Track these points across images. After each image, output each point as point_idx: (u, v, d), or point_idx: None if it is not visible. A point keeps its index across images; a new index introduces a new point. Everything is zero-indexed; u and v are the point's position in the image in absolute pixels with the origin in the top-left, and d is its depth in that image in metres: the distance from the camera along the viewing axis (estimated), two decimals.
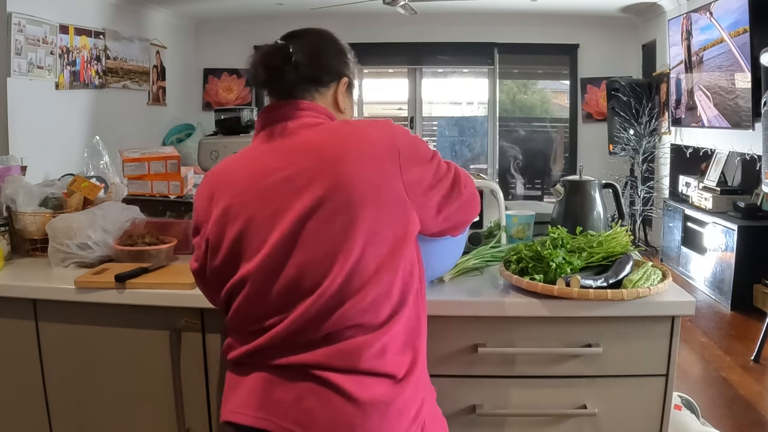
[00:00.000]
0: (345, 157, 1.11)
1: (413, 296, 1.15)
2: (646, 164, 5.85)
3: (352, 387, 1.07)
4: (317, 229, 1.09)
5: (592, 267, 1.50)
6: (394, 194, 1.12)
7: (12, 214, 1.81)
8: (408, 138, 1.19)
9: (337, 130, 1.17)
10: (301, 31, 1.29)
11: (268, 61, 1.21)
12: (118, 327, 1.55)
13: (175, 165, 2.04)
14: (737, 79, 4.28)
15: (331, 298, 1.08)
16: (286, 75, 1.21)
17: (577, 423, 1.48)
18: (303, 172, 1.11)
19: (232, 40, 6.93)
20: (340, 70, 1.28)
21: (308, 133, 1.17)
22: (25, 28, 4.11)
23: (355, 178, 1.10)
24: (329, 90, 1.27)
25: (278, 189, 1.12)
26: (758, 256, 4.20)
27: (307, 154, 1.13)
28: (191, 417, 1.57)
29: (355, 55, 1.34)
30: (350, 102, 1.34)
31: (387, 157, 1.13)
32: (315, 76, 1.24)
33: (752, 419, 2.81)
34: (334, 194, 1.09)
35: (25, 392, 1.60)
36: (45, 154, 4.22)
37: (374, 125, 1.18)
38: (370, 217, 1.09)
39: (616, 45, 6.63)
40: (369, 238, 1.09)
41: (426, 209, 1.19)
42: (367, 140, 1.14)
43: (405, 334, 1.13)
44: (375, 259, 1.10)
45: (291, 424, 1.07)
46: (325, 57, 1.27)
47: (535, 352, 1.46)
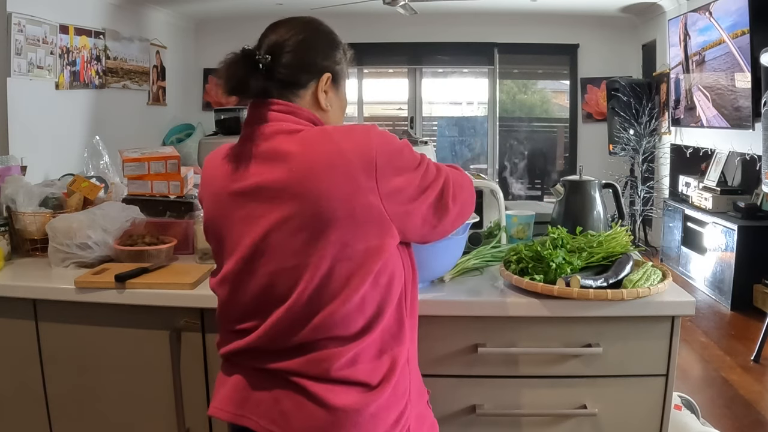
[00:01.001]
0: (316, 171, 1.08)
1: (393, 306, 1.14)
2: (646, 164, 5.85)
3: (324, 393, 1.08)
4: (285, 240, 1.09)
5: (592, 267, 1.50)
6: (368, 208, 1.09)
7: (12, 214, 1.81)
8: (386, 147, 1.12)
9: (311, 142, 1.11)
10: (276, 24, 1.23)
11: (233, 71, 1.15)
12: (118, 327, 1.55)
13: (175, 165, 2.04)
14: (737, 79, 4.28)
15: (301, 310, 1.09)
16: (253, 85, 1.16)
17: (577, 423, 1.48)
18: (273, 183, 1.10)
19: (232, 40, 6.83)
20: (320, 66, 1.20)
21: (283, 142, 1.12)
22: (25, 28, 4.11)
23: (324, 193, 1.07)
24: (308, 90, 1.20)
25: (250, 194, 1.12)
26: (758, 256, 4.20)
27: (279, 164, 1.11)
28: (191, 417, 1.57)
29: (342, 45, 1.26)
30: (337, 97, 1.26)
31: (360, 170, 1.08)
32: (289, 79, 1.18)
33: (752, 419, 2.81)
34: (302, 208, 1.08)
35: (25, 392, 1.60)
36: (45, 154, 4.22)
37: (350, 135, 1.11)
38: (340, 232, 1.08)
39: (616, 45, 6.63)
40: (339, 252, 1.08)
41: (408, 221, 1.14)
42: (340, 153, 1.09)
43: (381, 343, 1.12)
44: (345, 273, 1.09)
45: (269, 424, 1.11)
46: (302, 56, 1.18)
47: (535, 352, 1.46)
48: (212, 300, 1.49)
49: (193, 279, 1.54)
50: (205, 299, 1.49)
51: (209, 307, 1.51)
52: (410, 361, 1.18)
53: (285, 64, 1.17)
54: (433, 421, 1.25)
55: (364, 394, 1.10)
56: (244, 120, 1.24)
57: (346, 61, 1.28)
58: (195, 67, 7.01)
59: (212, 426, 1.57)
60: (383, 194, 1.10)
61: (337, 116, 1.27)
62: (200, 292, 1.51)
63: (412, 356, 1.19)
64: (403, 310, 1.16)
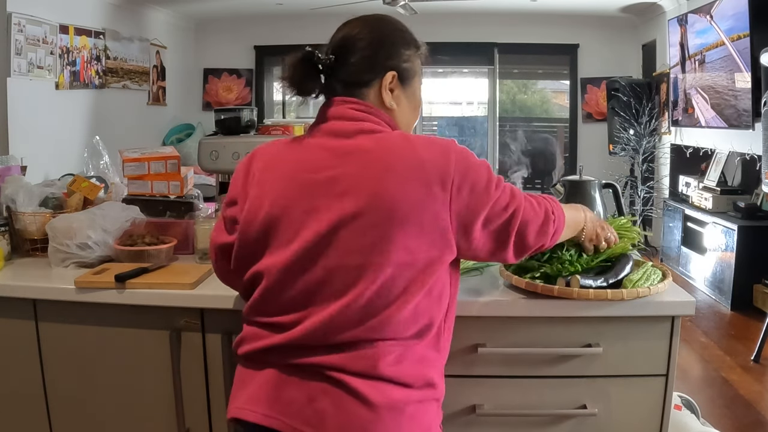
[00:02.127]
0: (391, 173, 1.08)
1: (440, 319, 1.15)
2: (646, 164, 5.85)
3: (367, 390, 1.06)
4: (351, 238, 1.07)
5: (592, 267, 1.50)
6: (436, 219, 1.09)
7: (12, 214, 1.81)
8: (465, 164, 1.12)
9: (391, 144, 1.12)
10: (349, 22, 1.23)
11: (292, 73, 1.16)
12: (118, 327, 1.55)
13: (175, 165, 2.04)
14: (737, 80, 4.28)
15: (358, 310, 1.07)
16: (311, 87, 1.17)
17: (577, 423, 1.48)
18: (348, 177, 1.09)
19: (232, 40, 6.93)
20: (385, 65, 1.19)
21: (363, 140, 1.12)
22: (25, 28, 4.11)
23: (396, 197, 1.07)
24: (371, 89, 1.19)
25: (320, 187, 1.10)
26: (758, 256, 4.20)
27: (356, 160, 1.10)
28: (191, 417, 1.57)
29: (414, 42, 1.24)
30: (405, 95, 1.24)
31: (437, 181, 1.09)
32: (352, 79, 1.18)
33: (752, 419, 2.81)
34: (372, 208, 1.07)
35: (25, 392, 1.60)
36: (45, 154, 4.22)
37: (431, 147, 1.12)
38: (407, 237, 1.07)
39: (616, 45, 6.63)
40: (403, 257, 1.07)
41: (468, 240, 1.14)
42: (418, 160, 1.09)
43: (425, 351, 1.12)
44: (405, 279, 1.08)
45: (301, 425, 1.06)
46: (366, 55, 1.18)
47: (535, 352, 1.46)
48: (212, 300, 1.50)
49: (193, 279, 1.54)
50: (205, 299, 1.49)
51: (209, 307, 1.51)
52: (443, 373, 1.19)
53: (349, 63, 1.18)
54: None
55: (407, 392, 1.09)
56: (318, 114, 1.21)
57: (419, 58, 1.25)
58: (195, 67, 7.01)
59: (212, 426, 1.57)
60: (453, 210, 1.10)
61: (406, 115, 1.26)
62: (200, 292, 1.51)
63: (444, 368, 1.19)
64: (443, 324, 1.17)
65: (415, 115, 1.29)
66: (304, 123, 1.95)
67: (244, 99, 7.05)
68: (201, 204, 2.07)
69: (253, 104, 7.03)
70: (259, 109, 6.82)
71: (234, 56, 6.99)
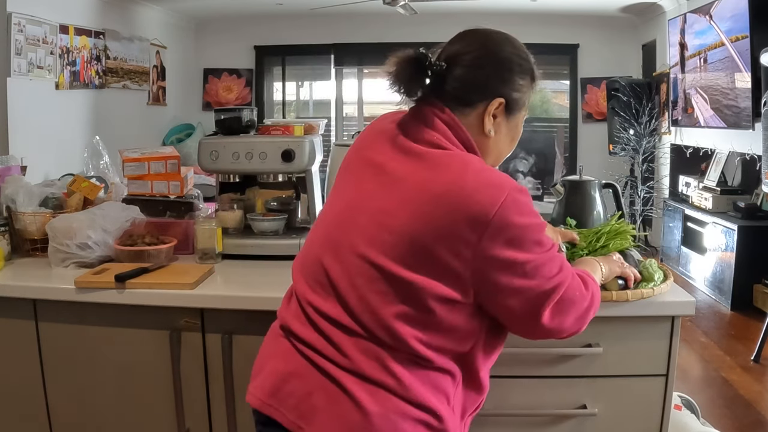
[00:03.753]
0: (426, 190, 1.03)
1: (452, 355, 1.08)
2: (646, 164, 5.85)
3: (363, 395, 1.03)
4: (366, 222, 1.08)
5: None
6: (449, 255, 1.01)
7: (12, 214, 1.81)
8: (512, 213, 1.01)
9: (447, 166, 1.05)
10: (469, 33, 1.17)
11: (401, 69, 1.12)
12: (118, 327, 1.55)
13: (175, 165, 2.04)
14: (737, 80, 4.28)
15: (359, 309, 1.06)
16: (415, 89, 1.13)
17: (577, 423, 1.48)
18: (393, 172, 1.09)
19: (232, 40, 6.93)
20: (494, 89, 1.13)
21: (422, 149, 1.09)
22: (25, 28, 4.11)
23: (420, 215, 1.02)
24: (475, 110, 1.13)
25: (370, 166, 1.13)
26: (758, 256, 4.20)
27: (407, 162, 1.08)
28: (191, 417, 1.57)
29: (531, 72, 1.18)
30: (507, 125, 1.17)
31: (469, 218, 1.00)
32: (458, 94, 1.12)
33: (752, 419, 2.81)
34: (395, 209, 1.05)
35: (25, 392, 1.60)
36: (45, 154, 4.22)
37: (483, 179, 1.03)
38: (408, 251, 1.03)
39: (616, 45, 6.63)
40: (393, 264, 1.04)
41: (493, 299, 1.05)
42: (460, 189, 1.02)
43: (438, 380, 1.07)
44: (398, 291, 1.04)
45: (296, 418, 1.06)
46: (476, 74, 1.12)
47: (535, 352, 1.46)
48: (212, 300, 1.50)
49: (193, 279, 1.54)
50: (205, 299, 1.49)
51: (209, 307, 1.51)
52: (455, 409, 1.11)
53: (457, 77, 1.12)
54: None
55: (403, 405, 1.04)
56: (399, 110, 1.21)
57: (532, 90, 1.19)
58: (195, 67, 7.01)
59: (212, 426, 1.57)
60: (479, 256, 1.01)
61: (503, 145, 1.19)
62: (200, 292, 1.51)
63: (457, 403, 1.12)
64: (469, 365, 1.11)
65: (511, 147, 1.22)
66: (305, 123, 1.95)
67: (244, 99, 7.05)
68: (201, 204, 2.07)
69: (253, 104, 7.03)
70: (259, 109, 6.82)
71: (234, 56, 6.99)
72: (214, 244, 1.75)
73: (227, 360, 1.51)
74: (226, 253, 1.78)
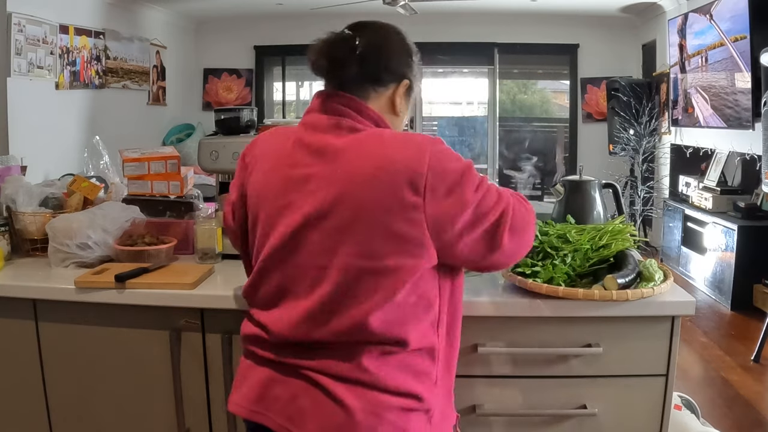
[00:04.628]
0: (359, 176, 1.06)
1: (421, 328, 1.11)
2: (646, 164, 5.85)
3: (344, 393, 1.07)
4: (318, 238, 1.08)
5: (586, 270, 1.49)
6: (407, 225, 1.05)
7: (12, 214, 1.81)
8: (441, 165, 1.07)
9: (363, 144, 1.10)
10: (369, 23, 1.23)
11: (332, 51, 1.16)
12: (118, 327, 1.55)
13: (175, 165, 2.04)
14: (737, 80, 4.28)
15: (324, 311, 1.08)
16: (347, 68, 1.16)
17: (577, 423, 1.48)
18: (318, 177, 1.09)
19: (232, 40, 6.93)
20: (402, 72, 1.22)
21: (337, 138, 1.12)
22: (25, 28, 4.11)
23: (362, 201, 1.05)
24: (387, 90, 1.21)
25: (295, 184, 1.12)
26: (758, 256, 4.20)
27: (328, 160, 1.10)
28: (191, 417, 1.57)
29: (420, 58, 1.28)
30: (405, 106, 1.26)
31: (406, 184, 1.05)
32: (376, 74, 1.18)
33: (752, 419, 2.81)
34: (339, 209, 1.07)
35: (25, 392, 1.60)
36: (45, 154, 4.22)
37: (404, 145, 1.08)
38: (372, 242, 1.05)
39: (616, 45, 6.63)
40: (366, 263, 1.06)
41: (453, 247, 1.09)
42: (388, 162, 1.06)
43: (406, 359, 1.10)
44: (371, 284, 1.06)
45: (285, 421, 1.09)
46: (390, 55, 1.20)
47: (535, 352, 1.46)
48: (212, 300, 1.50)
49: (193, 279, 1.54)
50: (205, 299, 1.49)
51: (209, 307, 1.51)
52: (439, 383, 1.15)
53: (373, 61, 1.18)
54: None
55: (384, 397, 1.08)
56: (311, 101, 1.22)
57: (420, 76, 1.30)
58: (195, 67, 7.01)
59: (212, 426, 1.57)
60: (429, 214, 1.06)
61: (401, 124, 1.28)
62: (200, 292, 1.51)
63: (442, 375, 1.16)
64: (435, 335, 1.13)
65: (403, 126, 1.30)
66: None
67: (244, 99, 7.06)
68: (201, 204, 2.07)
69: (253, 104, 7.03)
70: (259, 109, 6.81)
71: (234, 56, 6.99)
72: (214, 244, 1.75)
73: (227, 360, 1.51)
74: (226, 253, 1.78)
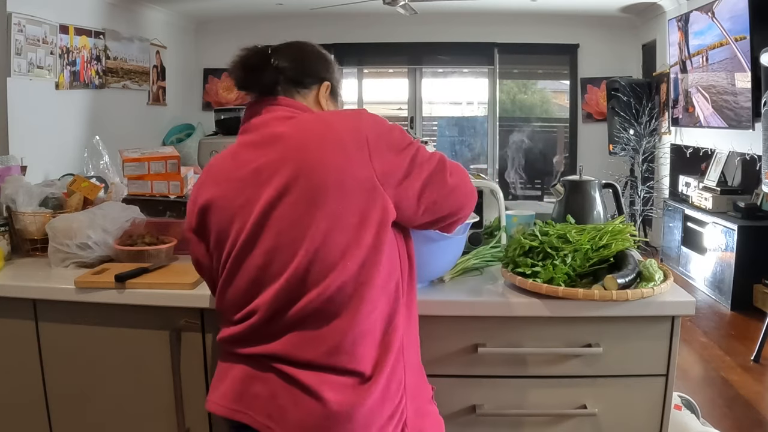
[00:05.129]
0: (308, 144, 1.14)
1: (388, 291, 1.14)
2: (646, 164, 5.85)
3: (318, 386, 1.08)
4: (283, 215, 1.11)
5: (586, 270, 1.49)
6: (360, 180, 1.12)
7: (12, 214, 1.81)
8: (378, 127, 1.18)
9: (303, 121, 1.20)
10: (283, 44, 1.33)
11: (248, 61, 1.26)
12: (118, 327, 1.55)
13: (175, 165, 2.04)
14: (737, 80, 4.28)
15: (296, 284, 1.10)
16: (265, 75, 1.25)
17: (577, 423, 1.48)
18: (270, 163, 1.14)
19: (232, 40, 6.86)
20: (321, 75, 1.31)
21: (278, 126, 1.19)
22: (25, 28, 4.11)
23: (317, 164, 1.11)
24: (311, 92, 1.30)
25: (248, 180, 1.16)
26: (758, 256, 4.20)
27: (274, 145, 1.16)
28: (191, 417, 1.57)
29: (339, 67, 1.38)
30: (333, 106, 1.35)
31: (352, 144, 1.13)
32: (296, 77, 1.27)
33: (752, 419, 2.81)
34: (297, 181, 1.11)
35: (25, 392, 1.60)
36: (45, 154, 4.22)
37: (341, 115, 1.20)
38: (333, 202, 1.10)
39: (616, 45, 6.63)
40: (332, 223, 1.10)
41: (404, 198, 1.17)
42: (331, 129, 1.15)
43: (373, 328, 1.12)
44: (339, 246, 1.10)
45: (265, 419, 1.11)
46: (306, 61, 1.30)
47: (535, 352, 1.46)
48: (212, 300, 1.50)
49: (193, 279, 1.54)
50: (205, 299, 1.49)
51: (209, 307, 1.51)
52: (405, 351, 1.17)
53: (290, 66, 1.27)
54: (437, 419, 1.24)
55: (360, 386, 1.09)
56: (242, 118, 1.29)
57: (340, 80, 1.39)
58: (195, 67, 7.02)
59: (212, 426, 1.57)
60: (377, 168, 1.13)
61: None
62: (200, 292, 1.51)
63: (407, 345, 1.18)
64: (398, 297, 1.16)
65: None
66: None
67: (244, 99, 6.96)
68: None
69: None
70: None
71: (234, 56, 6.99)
72: None
73: None
74: None
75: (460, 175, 1.26)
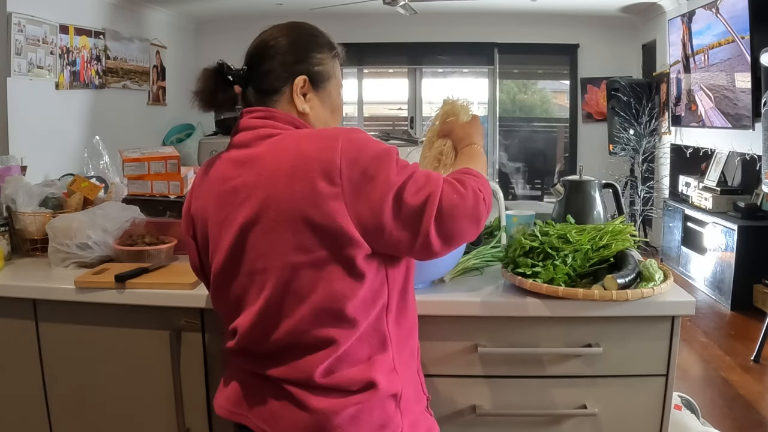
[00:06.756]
0: (278, 174, 1.07)
1: (370, 316, 1.11)
2: (646, 164, 5.85)
3: (306, 398, 1.10)
4: (255, 243, 1.10)
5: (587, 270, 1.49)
6: (329, 215, 1.05)
7: (12, 214, 1.81)
8: (355, 154, 1.06)
9: (279, 146, 1.11)
10: (263, 32, 1.25)
11: (202, 85, 1.20)
12: (118, 327, 1.55)
13: (175, 165, 2.04)
14: (737, 80, 4.28)
15: (271, 313, 1.10)
16: (221, 98, 1.21)
17: (577, 423, 1.48)
18: (245, 185, 1.11)
19: (232, 40, 6.88)
20: (294, 70, 1.19)
21: (258, 147, 1.13)
22: (25, 28, 4.11)
23: (286, 198, 1.06)
24: (283, 95, 1.19)
25: (227, 198, 1.14)
26: (758, 256, 4.20)
27: (252, 167, 1.12)
28: (191, 417, 1.57)
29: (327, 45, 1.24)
30: (319, 98, 1.22)
31: (321, 175, 1.05)
32: (264, 87, 1.19)
33: (752, 419, 2.81)
34: (266, 212, 1.08)
35: (25, 392, 1.60)
36: (45, 154, 4.22)
37: (315, 139, 1.09)
38: (300, 237, 1.06)
39: (616, 45, 6.63)
40: (302, 257, 1.06)
41: (380, 235, 1.07)
42: (301, 157, 1.07)
43: (358, 351, 1.11)
44: (310, 279, 1.07)
45: (261, 423, 1.14)
46: (274, 62, 1.19)
47: (535, 352, 1.46)
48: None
49: (193, 279, 1.54)
50: (205, 299, 1.49)
51: (209, 308, 1.51)
52: (398, 369, 1.15)
53: (261, 72, 1.20)
54: (430, 425, 1.23)
55: (348, 397, 1.10)
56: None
57: (334, 60, 1.26)
58: (195, 67, 6.90)
59: (212, 426, 1.57)
60: (350, 204, 1.05)
61: (324, 118, 1.25)
62: (200, 292, 1.51)
63: (399, 364, 1.16)
64: (384, 321, 1.14)
65: (334, 117, 1.27)
66: None
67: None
68: None
69: None
70: None
71: (234, 56, 6.93)
72: None
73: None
74: None
75: (449, 221, 1.09)
